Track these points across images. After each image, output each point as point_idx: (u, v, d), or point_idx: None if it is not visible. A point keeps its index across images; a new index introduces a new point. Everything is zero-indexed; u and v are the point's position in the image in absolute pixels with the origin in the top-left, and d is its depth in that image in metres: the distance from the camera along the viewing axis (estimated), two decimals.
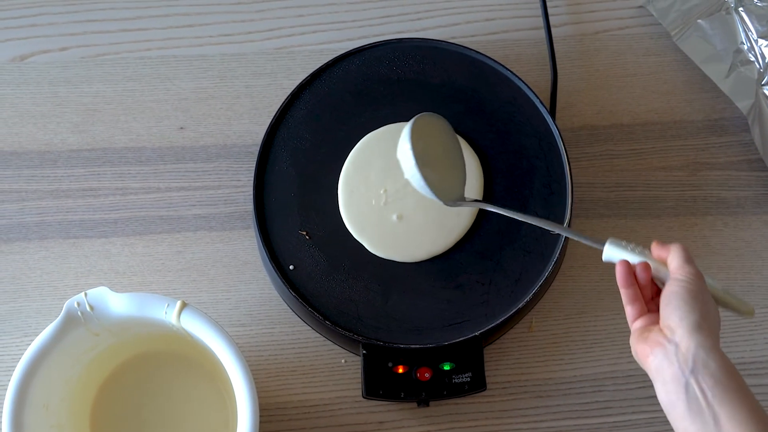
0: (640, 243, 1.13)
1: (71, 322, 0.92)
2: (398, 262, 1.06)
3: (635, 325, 0.88)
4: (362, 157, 1.09)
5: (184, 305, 0.92)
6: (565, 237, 1.05)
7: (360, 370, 1.04)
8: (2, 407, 0.91)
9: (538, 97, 1.10)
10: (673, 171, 1.17)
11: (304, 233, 1.06)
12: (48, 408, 0.94)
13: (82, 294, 0.92)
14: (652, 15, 1.22)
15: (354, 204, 1.07)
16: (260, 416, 1.05)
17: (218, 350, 0.91)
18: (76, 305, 0.92)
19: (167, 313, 0.92)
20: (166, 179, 1.15)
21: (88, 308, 0.92)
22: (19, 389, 0.90)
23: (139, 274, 1.11)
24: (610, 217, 1.14)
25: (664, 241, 0.91)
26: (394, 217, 1.06)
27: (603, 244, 0.90)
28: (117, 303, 0.92)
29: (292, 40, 1.21)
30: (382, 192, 1.07)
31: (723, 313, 0.89)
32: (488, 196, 1.08)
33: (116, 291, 1.08)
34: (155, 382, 1.03)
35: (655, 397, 1.07)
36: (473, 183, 1.07)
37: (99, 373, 1.02)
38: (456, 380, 1.02)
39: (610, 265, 1.11)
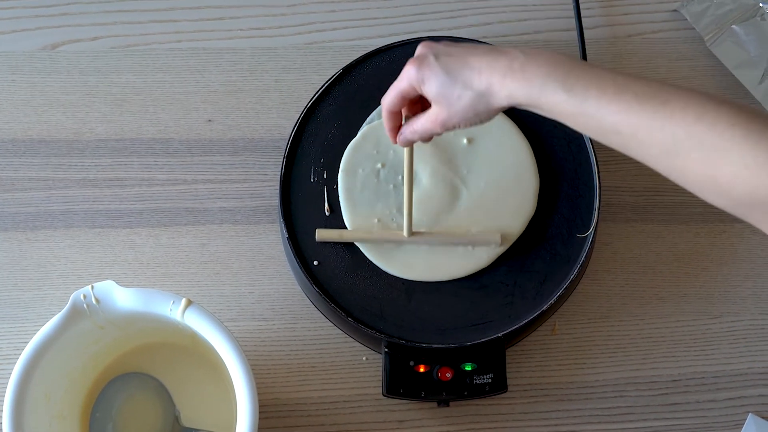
0: (666, 249, 1.13)
1: (76, 314, 0.92)
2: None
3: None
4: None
5: (189, 303, 0.91)
6: (592, 240, 1.05)
7: (381, 368, 1.04)
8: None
9: None
10: None
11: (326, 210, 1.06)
12: (50, 398, 0.94)
13: (89, 287, 0.92)
14: (686, 19, 1.21)
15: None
16: (280, 412, 1.05)
17: (221, 350, 0.90)
18: (82, 297, 0.92)
19: (172, 310, 0.92)
20: (193, 171, 1.15)
21: (94, 301, 0.92)
22: (21, 379, 0.90)
23: (163, 265, 1.11)
24: (637, 222, 1.14)
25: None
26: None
27: None
28: (123, 297, 0.92)
29: (323, 35, 1.21)
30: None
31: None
32: None
33: (140, 281, 1.10)
34: (158, 373, 1.03)
35: (677, 404, 1.07)
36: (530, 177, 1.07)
37: (102, 364, 1.02)
38: (477, 381, 1.02)
39: (636, 270, 1.12)
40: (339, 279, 1.05)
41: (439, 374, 1.02)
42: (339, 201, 1.07)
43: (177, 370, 1.03)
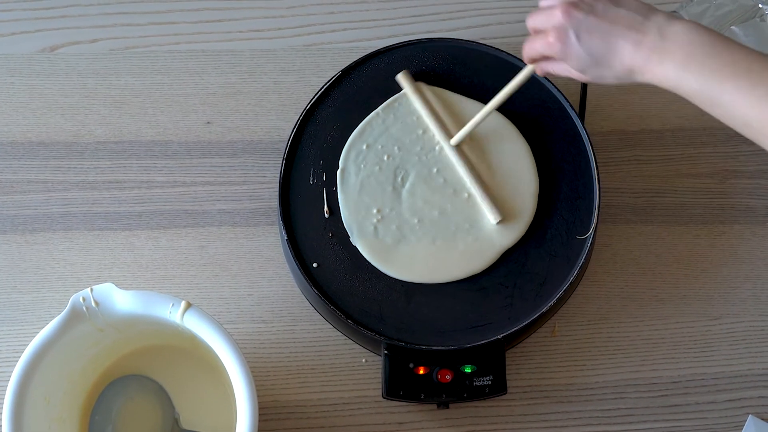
0: (665, 251, 1.13)
1: (76, 317, 0.92)
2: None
3: None
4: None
5: (188, 305, 0.91)
6: (591, 241, 1.05)
7: (381, 370, 1.04)
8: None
9: (567, 101, 1.09)
10: (702, 178, 1.16)
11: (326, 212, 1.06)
12: (49, 401, 0.94)
13: (88, 289, 0.92)
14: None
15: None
16: (280, 414, 1.05)
17: (220, 352, 0.90)
18: (81, 300, 0.92)
19: (171, 313, 0.92)
20: (192, 173, 1.15)
21: (93, 304, 0.92)
22: (20, 382, 0.90)
23: (162, 267, 1.11)
24: (636, 223, 1.14)
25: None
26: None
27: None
28: (122, 300, 0.92)
29: (321, 37, 1.21)
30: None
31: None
32: None
33: (139, 283, 1.10)
34: (157, 375, 1.03)
35: (677, 406, 1.07)
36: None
37: (102, 367, 1.02)
38: (477, 383, 1.02)
39: (636, 272, 1.12)
40: (338, 281, 1.05)
41: (439, 376, 1.02)
42: (338, 203, 1.07)
43: (176, 372, 1.03)
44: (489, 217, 1.05)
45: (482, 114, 1.05)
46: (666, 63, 0.84)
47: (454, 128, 1.08)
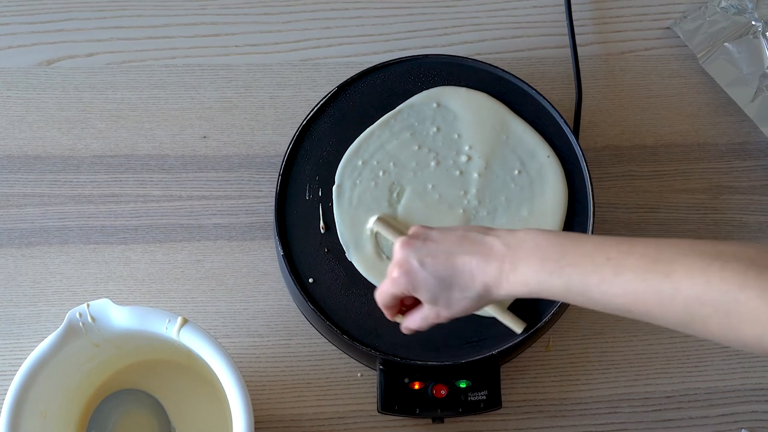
0: None
1: (72, 332, 0.92)
2: None
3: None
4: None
5: (184, 321, 0.92)
6: None
7: (376, 385, 1.04)
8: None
9: (561, 116, 1.10)
10: (696, 194, 1.16)
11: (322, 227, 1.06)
12: (46, 415, 0.94)
13: (85, 305, 0.92)
14: (679, 37, 1.21)
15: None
16: (275, 428, 1.05)
17: (216, 367, 0.90)
18: (77, 316, 0.92)
19: (168, 329, 0.92)
20: (188, 188, 1.15)
21: (89, 319, 0.92)
22: (17, 398, 0.90)
23: (158, 281, 1.12)
24: None
25: None
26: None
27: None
28: (119, 316, 0.92)
29: (318, 52, 1.22)
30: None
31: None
32: None
33: (135, 298, 1.10)
34: (154, 390, 1.03)
35: (671, 420, 1.08)
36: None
37: (98, 381, 1.02)
38: (472, 398, 1.02)
39: None
40: (334, 296, 1.05)
41: (434, 391, 1.02)
42: (334, 218, 1.07)
43: (172, 386, 1.03)
44: (513, 329, 1.04)
45: None
46: (521, 269, 0.80)
47: None
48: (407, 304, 0.94)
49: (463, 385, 1.02)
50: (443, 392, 1.02)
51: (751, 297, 0.69)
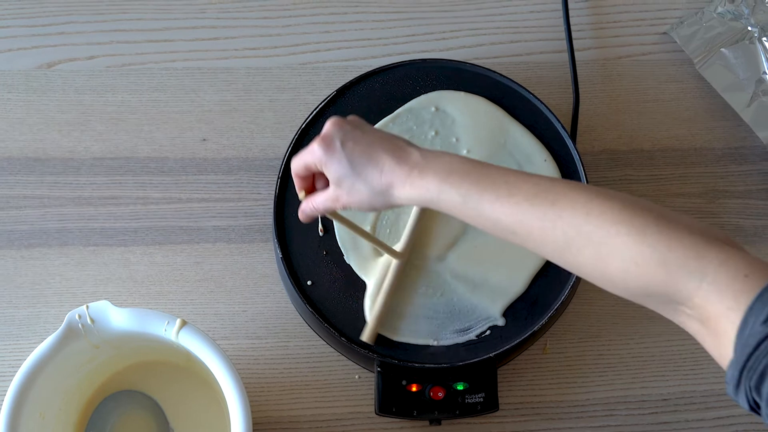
0: None
1: (72, 333, 0.92)
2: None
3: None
4: None
5: (183, 323, 0.92)
6: None
7: (374, 387, 1.04)
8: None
9: (559, 121, 1.11)
10: (692, 198, 1.17)
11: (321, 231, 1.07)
12: (44, 416, 0.94)
13: (84, 307, 0.92)
14: (676, 42, 1.22)
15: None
16: (273, 430, 1.05)
17: (215, 369, 0.91)
18: (77, 317, 0.92)
19: (167, 331, 0.92)
20: (187, 190, 1.16)
21: (89, 321, 0.92)
22: (16, 399, 0.90)
23: (158, 283, 1.12)
24: None
25: None
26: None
27: None
28: (118, 317, 0.92)
29: (317, 55, 1.22)
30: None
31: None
32: None
33: (135, 299, 1.10)
34: (152, 391, 1.03)
35: (667, 423, 1.08)
36: None
37: (97, 383, 1.03)
38: (469, 400, 1.03)
39: None
40: (332, 299, 1.05)
41: (431, 393, 1.02)
42: (333, 221, 1.07)
43: (171, 388, 1.03)
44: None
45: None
46: (428, 176, 0.84)
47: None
48: (318, 188, 0.95)
49: (460, 387, 1.03)
50: (440, 394, 1.02)
51: (621, 233, 0.75)
